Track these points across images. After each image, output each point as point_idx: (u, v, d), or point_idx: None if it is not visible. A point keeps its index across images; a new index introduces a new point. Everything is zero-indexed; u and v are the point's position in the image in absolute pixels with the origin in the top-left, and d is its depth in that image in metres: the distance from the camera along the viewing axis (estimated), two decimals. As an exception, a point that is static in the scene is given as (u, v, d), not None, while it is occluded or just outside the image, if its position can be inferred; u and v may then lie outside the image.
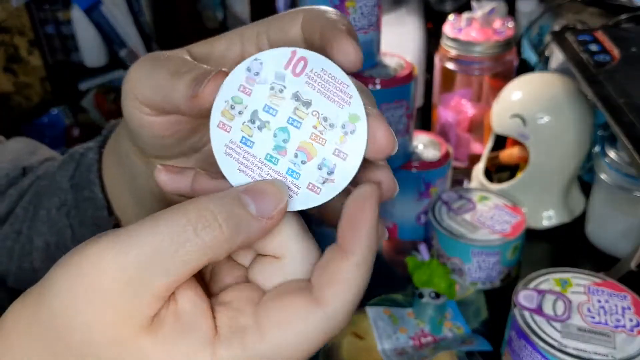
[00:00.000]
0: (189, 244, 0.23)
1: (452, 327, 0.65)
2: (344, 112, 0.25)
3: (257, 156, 0.26)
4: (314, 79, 0.26)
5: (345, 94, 0.26)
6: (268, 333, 0.24)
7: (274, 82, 0.26)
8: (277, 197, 0.25)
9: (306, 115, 0.26)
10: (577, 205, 0.81)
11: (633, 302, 0.55)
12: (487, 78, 0.89)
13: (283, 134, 0.26)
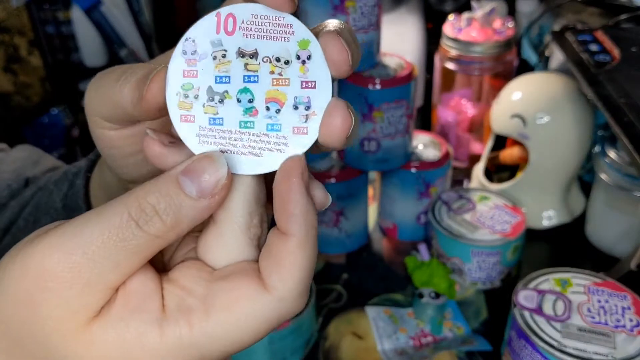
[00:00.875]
0: (135, 239, 0.23)
1: (452, 327, 0.65)
2: (292, 44, 0.24)
3: (232, 129, 0.25)
4: (248, 28, 0.24)
5: (285, 27, 0.24)
6: (215, 314, 0.24)
7: (213, 50, 0.25)
8: (217, 173, 0.24)
9: (258, 66, 0.24)
10: (577, 205, 0.81)
11: (633, 302, 0.55)
12: (487, 78, 0.89)
13: (246, 95, 0.25)
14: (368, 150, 0.70)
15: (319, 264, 0.75)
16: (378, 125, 0.68)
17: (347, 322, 0.67)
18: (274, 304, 0.24)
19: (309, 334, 0.63)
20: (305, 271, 0.24)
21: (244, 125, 0.25)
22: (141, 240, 0.23)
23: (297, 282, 0.24)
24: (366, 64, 0.66)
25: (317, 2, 0.62)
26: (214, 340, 0.24)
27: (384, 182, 0.77)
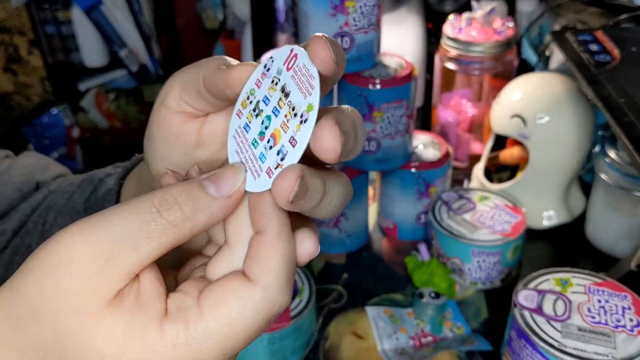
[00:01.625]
0: (154, 224, 0.25)
1: (452, 327, 0.65)
2: (305, 102, 0.27)
3: (248, 140, 0.29)
4: (297, 72, 0.27)
5: (310, 86, 0.27)
6: (207, 311, 0.26)
7: (275, 76, 0.28)
8: (235, 178, 0.27)
9: (284, 105, 0.27)
10: (577, 205, 0.81)
11: (633, 302, 0.55)
12: (487, 78, 0.89)
13: (267, 121, 0.28)
14: (368, 150, 0.70)
15: (319, 264, 0.75)
16: (378, 125, 0.68)
17: (347, 322, 0.67)
18: (260, 294, 0.26)
19: (310, 334, 0.63)
20: (284, 262, 0.26)
21: (253, 142, 0.28)
22: (159, 227, 0.25)
23: (278, 272, 0.26)
24: (366, 64, 0.66)
25: (317, 2, 0.62)
26: (209, 335, 0.25)
27: (384, 182, 0.77)
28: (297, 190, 0.25)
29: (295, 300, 0.61)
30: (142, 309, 0.25)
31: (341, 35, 0.64)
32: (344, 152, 0.26)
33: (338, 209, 0.29)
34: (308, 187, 0.26)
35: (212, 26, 1.84)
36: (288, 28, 0.93)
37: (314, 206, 0.27)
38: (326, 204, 0.27)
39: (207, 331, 0.26)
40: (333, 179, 0.28)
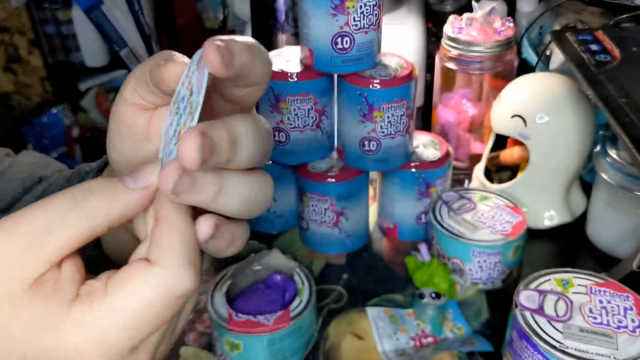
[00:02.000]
0: (72, 213, 0.27)
1: (452, 328, 0.65)
2: (197, 101, 0.28)
3: (169, 136, 0.30)
4: (199, 73, 0.29)
5: (201, 86, 0.28)
6: (110, 292, 0.27)
7: (190, 75, 0.29)
8: (149, 173, 0.29)
9: (189, 104, 0.29)
10: (578, 205, 0.81)
11: (635, 302, 0.55)
12: (487, 78, 0.89)
13: (179, 119, 0.29)
14: (368, 150, 0.70)
15: (319, 264, 0.75)
16: (378, 125, 0.68)
17: (347, 322, 0.66)
18: (159, 273, 0.27)
19: (309, 334, 0.62)
20: (180, 243, 0.28)
21: (171, 139, 0.30)
22: (76, 216, 0.27)
23: (175, 251, 0.28)
24: (366, 64, 0.66)
25: (317, 2, 0.62)
26: (113, 315, 0.27)
27: (384, 182, 0.77)
28: (177, 183, 0.27)
29: (295, 300, 0.61)
30: (57, 293, 0.27)
31: (341, 35, 0.64)
32: (215, 161, 0.27)
33: (245, 206, 0.30)
34: (195, 180, 0.27)
35: (212, 26, 1.84)
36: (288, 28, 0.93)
37: (206, 199, 0.28)
38: (225, 199, 0.29)
39: (110, 310, 0.27)
40: (235, 176, 0.29)
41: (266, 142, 0.30)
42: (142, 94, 0.33)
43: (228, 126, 0.28)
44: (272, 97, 0.68)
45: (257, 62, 0.30)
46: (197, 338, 0.66)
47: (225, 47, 0.28)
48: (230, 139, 0.28)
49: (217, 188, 0.28)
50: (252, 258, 0.66)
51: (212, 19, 1.84)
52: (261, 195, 0.30)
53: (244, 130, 0.29)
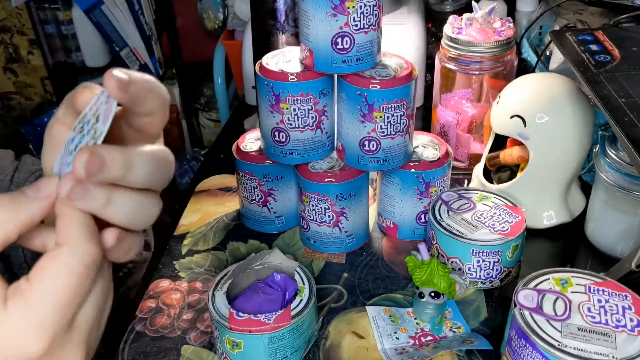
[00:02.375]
0: None
1: (452, 327, 0.65)
2: (100, 129, 0.34)
3: (69, 150, 0.36)
4: (107, 105, 0.34)
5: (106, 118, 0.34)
6: (33, 279, 0.33)
7: (98, 105, 0.35)
8: (48, 186, 0.34)
9: (93, 128, 0.34)
10: (577, 205, 0.81)
11: (634, 301, 0.55)
12: (487, 78, 0.89)
13: (82, 139, 0.35)
14: (368, 150, 0.70)
15: (319, 264, 0.75)
16: (378, 125, 0.68)
17: (347, 321, 0.67)
18: (68, 251, 0.33)
19: (310, 333, 0.63)
20: (80, 225, 0.33)
21: (71, 152, 0.35)
22: None
23: (76, 231, 0.33)
24: (366, 64, 0.66)
25: (317, 2, 0.62)
26: (43, 298, 0.32)
27: (384, 182, 0.77)
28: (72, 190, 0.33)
29: (296, 299, 0.61)
30: None
31: (341, 35, 0.64)
32: (105, 176, 0.33)
33: (130, 219, 0.35)
34: (88, 190, 0.33)
35: (213, 26, 1.84)
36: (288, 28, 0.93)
37: (96, 208, 0.33)
38: (112, 210, 0.34)
39: (39, 295, 0.32)
40: (125, 192, 0.34)
41: (163, 169, 0.36)
42: (69, 115, 0.39)
43: (125, 151, 0.33)
44: (272, 97, 0.69)
45: (153, 93, 0.36)
46: (198, 337, 0.66)
47: (124, 75, 0.34)
48: (124, 162, 0.33)
49: (107, 199, 0.34)
50: (252, 257, 0.66)
51: (212, 19, 1.84)
52: (147, 212, 0.36)
53: (139, 157, 0.34)
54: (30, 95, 2.07)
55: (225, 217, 0.85)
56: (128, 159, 0.34)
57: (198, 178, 0.94)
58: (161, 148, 0.37)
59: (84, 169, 0.32)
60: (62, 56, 1.98)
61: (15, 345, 0.32)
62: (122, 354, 0.64)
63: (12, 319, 0.32)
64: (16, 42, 1.97)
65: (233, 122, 1.16)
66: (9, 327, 0.32)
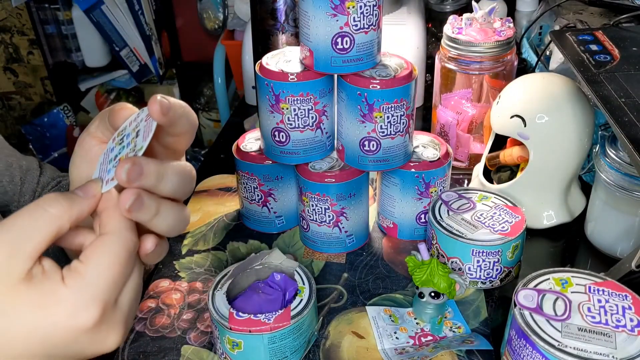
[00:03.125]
0: (42, 217, 0.37)
1: (452, 327, 0.65)
2: (140, 144, 0.39)
3: (109, 158, 0.42)
4: (147, 123, 0.40)
5: (147, 134, 0.39)
6: (86, 259, 0.38)
7: (138, 121, 0.41)
8: (95, 188, 0.40)
9: (133, 142, 0.40)
10: (577, 205, 0.81)
11: (634, 301, 0.55)
12: (487, 78, 0.89)
13: (122, 150, 0.41)
14: (368, 150, 0.70)
15: (319, 264, 0.75)
16: (378, 125, 0.68)
17: (347, 321, 0.67)
18: (114, 237, 0.38)
19: (310, 333, 0.63)
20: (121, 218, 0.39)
21: (111, 161, 0.41)
22: (46, 219, 0.37)
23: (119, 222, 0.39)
24: (366, 64, 0.66)
25: (317, 2, 0.62)
26: (97, 274, 0.37)
27: (384, 182, 0.77)
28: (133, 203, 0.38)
29: (296, 299, 0.61)
30: (47, 278, 0.37)
31: (341, 35, 0.64)
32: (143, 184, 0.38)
33: (171, 227, 0.41)
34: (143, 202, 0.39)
35: (213, 26, 1.84)
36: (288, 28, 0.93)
37: (147, 218, 0.39)
38: (159, 220, 0.40)
39: (92, 269, 0.37)
40: (169, 205, 0.40)
41: (187, 182, 0.42)
42: (102, 130, 0.46)
43: (159, 165, 0.39)
44: (272, 97, 0.69)
45: (185, 118, 0.43)
46: (198, 337, 0.66)
47: (166, 101, 0.40)
48: (158, 173, 0.39)
49: (156, 211, 0.39)
50: (252, 257, 0.66)
51: (212, 19, 1.84)
52: (182, 222, 0.42)
53: (170, 170, 0.40)
54: (30, 95, 2.07)
55: (225, 217, 0.85)
56: (161, 170, 0.39)
57: (198, 178, 0.94)
58: (186, 164, 0.43)
59: (125, 176, 0.38)
60: (62, 56, 1.98)
61: (72, 316, 0.37)
62: (122, 354, 0.64)
63: (70, 293, 0.37)
64: (16, 42, 1.97)
65: (233, 122, 1.16)
66: (68, 300, 0.37)
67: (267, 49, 0.92)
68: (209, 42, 1.88)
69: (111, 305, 0.38)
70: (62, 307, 0.37)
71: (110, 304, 0.38)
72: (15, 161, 0.70)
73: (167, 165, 0.40)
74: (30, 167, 0.71)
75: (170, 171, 0.40)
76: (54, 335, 0.37)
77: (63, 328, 0.37)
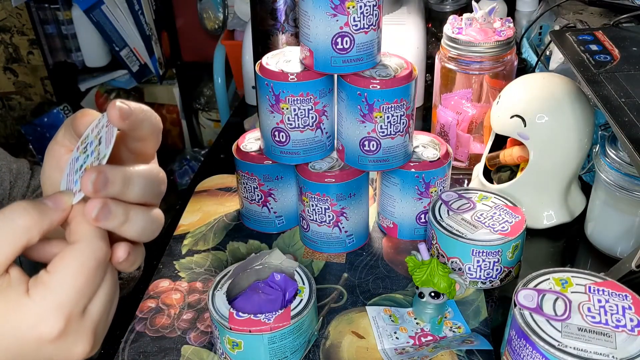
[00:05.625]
0: (9, 229, 0.36)
1: (452, 327, 0.65)
2: (104, 151, 0.39)
3: (74, 168, 0.41)
4: (108, 129, 0.39)
5: (108, 141, 0.39)
6: (53, 269, 0.37)
7: (100, 128, 0.40)
8: (65, 200, 0.39)
9: (96, 150, 0.40)
10: (577, 205, 0.81)
11: (634, 301, 0.55)
12: (487, 78, 0.89)
13: (87, 159, 0.40)
14: (368, 150, 0.70)
15: (319, 264, 0.75)
16: (378, 125, 0.68)
17: (347, 321, 0.67)
18: (82, 246, 0.38)
19: (310, 333, 0.63)
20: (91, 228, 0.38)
21: (76, 171, 0.41)
22: (14, 230, 0.36)
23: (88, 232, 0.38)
24: (366, 64, 0.66)
25: (317, 2, 0.62)
26: (62, 284, 0.37)
27: (384, 182, 0.77)
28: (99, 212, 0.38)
29: (296, 299, 0.61)
30: (12, 288, 0.37)
31: (341, 35, 0.64)
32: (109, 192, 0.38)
33: (142, 233, 0.40)
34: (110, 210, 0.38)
35: (213, 26, 1.84)
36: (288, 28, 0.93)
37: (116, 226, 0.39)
38: (129, 226, 0.39)
39: (59, 282, 0.37)
40: (139, 210, 0.40)
41: (155, 185, 0.41)
42: (69, 138, 0.45)
43: (123, 171, 0.39)
44: (272, 97, 0.69)
45: (147, 121, 0.41)
46: (198, 337, 0.66)
47: (125, 106, 0.39)
48: (124, 179, 0.38)
49: (125, 218, 0.39)
50: (252, 257, 0.66)
51: (212, 19, 1.84)
52: (153, 226, 0.41)
53: (136, 175, 0.39)
54: (30, 95, 2.07)
55: (225, 217, 0.85)
56: (127, 176, 0.39)
57: (198, 178, 0.94)
58: (153, 167, 0.42)
59: (91, 187, 0.37)
60: (62, 56, 1.98)
61: (34, 327, 0.37)
62: (122, 354, 0.64)
63: (33, 304, 0.37)
64: (16, 42, 1.97)
65: (233, 122, 1.16)
66: (30, 311, 0.36)
67: (267, 49, 0.92)
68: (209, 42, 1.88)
69: (77, 314, 0.38)
70: (24, 318, 0.36)
71: (76, 314, 0.38)
72: (5, 164, 0.70)
73: (133, 171, 0.40)
74: (21, 170, 0.71)
75: (136, 176, 0.40)
76: (17, 345, 0.37)
77: (26, 338, 0.37)
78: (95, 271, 0.38)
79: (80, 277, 0.37)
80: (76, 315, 0.38)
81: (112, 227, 0.39)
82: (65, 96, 2.03)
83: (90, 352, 0.39)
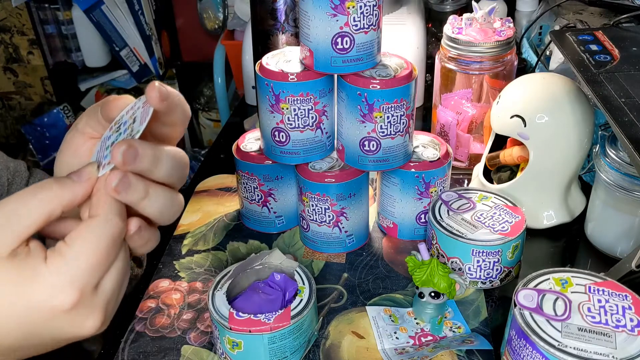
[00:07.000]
0: (33, 200, 0.38)
1: (452, 327, 0.65)
2: (137, 129, 0.39)
3: (107, 144, 0.42)
4: (143, 110, 0.40)
5: (143, 119, 0.39)
6: (70, 241, 0.38)
7: (135, 109, 0.41)
8: (89, 172, 0.40)
9: (130, 128, 0.40)
10: (577, 205, 0.81)
11: (634, 301, 0.55)
12: (487, 78, 0.89)
13: (119, 136, 0.41)
14: (368, 150, 0.70)
15: (319, 264, 0.75)
16: (378, 125, 0.68)
17: (347, 321, 0.67)
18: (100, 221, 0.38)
19: (310, 333, 0.63)
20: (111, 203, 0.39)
21: (108, 147, 0.41)
22: (36, 203, 0.37)
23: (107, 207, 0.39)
24: (366, 64, 0.66)
25: (317, 2, 0.62)
26: (78, 257, 0.38)
27: (384, 182, 0.77)
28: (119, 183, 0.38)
29: (296, 299, 0.61)
30: (30, 257, 0.37)
31: (341, 35, 0.64)
32: (138, 167, 0.38)
33: (160, 212, 0.41)
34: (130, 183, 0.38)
35: (213, 26, 1.84)
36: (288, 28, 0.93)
37: (135, 200, 0.39)
38: (148, 203, 0.40)
39: (75, 254, 0.37)
40: (159, 188, 0.40)
41: (182, 167, 0.42)
42: (93, 125, 0.45)
43: (154, 148, 0.39)
44: (272, 97, 0.69)
45: (180, 107, 0.43)
46: (198, 337, 0.66)
47: (163, 88, 0.40)
48: (154, 156, 0.39)
49: (144, 193, 0.39)
50: (252, 257, 0.66)
51: (212, 19, 1.84)
52: (173, 208, 0.42)
53: (165, 154, 0.40)
54: (30, 95, 2.07)
55: (225, 217, 0.85)
56: (156, 154, 0.39)
57: (198, 178, 0.94)
58: (179, 149, 0.43)
59: (121, 158, 0.37)
60: (62, 56, 1.98)
61: (48, 298, 0.37)
62: (122, 354, 0.64)
63: (49, 274, 0.37)
64: (16, 42, 1.96)
65: (233, 122, 1.16)
66: (46, 280, 0.37)
67: (267, 49, 0.92)
68: (209, 42, 1.88)
69: (91, 289, 0.38)
70: (40, 286, 0.37)
71: (90, 288, 0.38)
72: (2, 162, 0.70)
73: (162, 149, 0.40)
74: (18, 169, 0.71)
75: (165, 155, 0.40)
76: (31, 313, 0.37)
77: (39, 308, 0.37)
78: (111, 247, 0.38)
79: (97, 251, 0.38)
80: (89, 289, 0.38)
81: (131, 201, 0.39)
82: (65, 96, 2.03)
83: (100, 327, 0.40)
